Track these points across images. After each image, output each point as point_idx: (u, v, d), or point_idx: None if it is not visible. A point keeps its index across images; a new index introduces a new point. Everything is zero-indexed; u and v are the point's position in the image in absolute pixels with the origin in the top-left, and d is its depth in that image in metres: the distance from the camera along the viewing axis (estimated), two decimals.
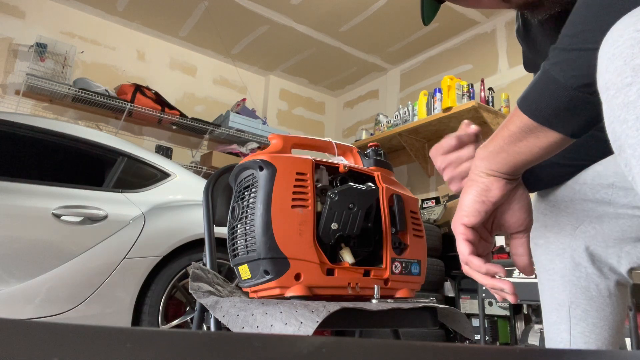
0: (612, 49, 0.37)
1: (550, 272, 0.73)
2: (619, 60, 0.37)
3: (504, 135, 0.55)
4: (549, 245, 0.75)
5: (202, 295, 0.91)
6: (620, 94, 0.37)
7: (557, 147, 0.52)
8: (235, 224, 0.87)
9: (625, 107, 0.36)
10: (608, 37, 0.38)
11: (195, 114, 4.14)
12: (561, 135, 0.50)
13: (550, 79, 0.48)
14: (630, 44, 0.36)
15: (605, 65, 0.38)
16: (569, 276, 0.72)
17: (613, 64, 0.37)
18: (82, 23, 3.80)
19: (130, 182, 2.26)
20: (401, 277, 0.93)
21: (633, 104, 0.35)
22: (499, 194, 0.56)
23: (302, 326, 0.69)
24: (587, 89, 0.45)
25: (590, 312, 0.69)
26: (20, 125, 2.05)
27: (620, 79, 0.37)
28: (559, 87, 0.47)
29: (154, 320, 2.02)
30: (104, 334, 0.25)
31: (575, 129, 0.50)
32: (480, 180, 0.57)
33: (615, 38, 0.38)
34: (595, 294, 0.70)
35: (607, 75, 0.38)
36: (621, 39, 0.37)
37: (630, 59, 0.36)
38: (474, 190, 0.57)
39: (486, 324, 2.76)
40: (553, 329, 0.73)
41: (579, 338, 0.69)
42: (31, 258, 1.85)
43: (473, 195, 0.56)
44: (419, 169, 4.10)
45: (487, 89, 3.56)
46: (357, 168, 0.98)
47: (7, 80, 3.42)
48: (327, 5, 3.62)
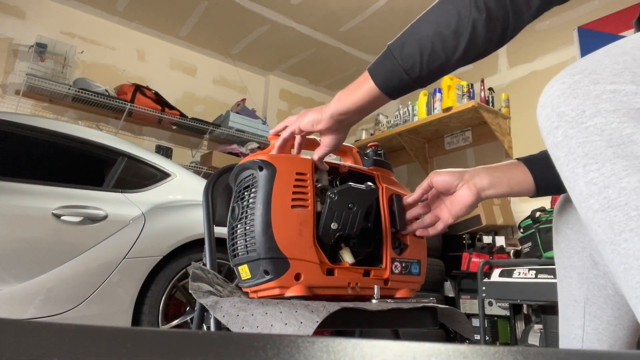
0: (544, 98, 0.46)
1: (568, 269, 0.74)
2: (548, 108, 0.45)
3: (352, 88, 0.77)
4: (569, 242, 0.77)
5: (202, 295, 0.91)
6: (550, 135, 0.45)
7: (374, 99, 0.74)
8: (235, 224, 0.87)
9: (555, 147, 0.44)
10: (544, 89, 0.47)
11: (195, 114, 4.14)
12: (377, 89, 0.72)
13: (389, 54, 0.70)
14: (557, 94, 0.44)
15: (539, 112, 0.46)
16: (587, 274, 0.73)
17: (545, 111, 0.45)
18: (82, 23, 3.80)
19: (130, 182, 2.26)
20: (401, 277, 0.93)
21: (561, 144, 0.43)
22: (323, 127, 0.80)
23: (302, 326, 0.69)
24: (411, 73, 0.69)
25: (605, 310, 0.69)
26: (20, 125, 2.05)
27: (549, 123, 0.45)
28: (395, 63, 0.69)
29: (154, 320, 2.02)
30: (104, 334, 0.25)
31: (390, 92, 0.73)
32: (322, 114, 0.79)
33: (547, 89, 0.46)
34: (611, 292, 0.71)
35: (541, 120, 0.46)
36: (551, 89, 0.45)
37: (556, 106, 0.44)
38: (314, 116, 0.81)
39: (486, 324, 2.76)
40: (567, 325, 0.73)
41: (592, 335, 0.70)
42: (31, 258, 1.85)
43: (311, 119, 0.81)
44: (419, 169, 4.10)
45: (487, 89, 3.56)
46: (357, 168, 0.98)
47: (7, 80, 3.42)
48: (327, 5, 3.62)
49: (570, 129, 0.42)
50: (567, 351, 0.25)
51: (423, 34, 0.68)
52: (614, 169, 0.40)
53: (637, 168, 0.39)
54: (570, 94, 0.43)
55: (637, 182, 0.38)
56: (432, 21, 0.67)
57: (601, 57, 0.43)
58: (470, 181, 0.83)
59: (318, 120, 0.80)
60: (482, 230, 3.21)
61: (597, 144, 0.40)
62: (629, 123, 0.39)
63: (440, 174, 0.86)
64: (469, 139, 3.80)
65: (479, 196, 0.82)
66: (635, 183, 0.39)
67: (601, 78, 0.41)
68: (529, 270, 2.37)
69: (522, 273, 2.39)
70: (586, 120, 0.41)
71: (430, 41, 0.67)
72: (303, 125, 0.83)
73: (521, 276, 2.39)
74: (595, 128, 0.40)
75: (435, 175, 0.86)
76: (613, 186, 0.40)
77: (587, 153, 0.41)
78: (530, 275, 2.35)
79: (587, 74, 0.43)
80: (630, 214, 0.39)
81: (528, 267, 2.38)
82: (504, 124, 3.52)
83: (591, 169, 0.41)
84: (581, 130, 0.41)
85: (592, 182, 0.41)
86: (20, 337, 0.24)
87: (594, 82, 0.42)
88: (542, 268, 2.31)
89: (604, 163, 0.40)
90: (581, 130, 0.41)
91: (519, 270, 2.41)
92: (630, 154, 0.39)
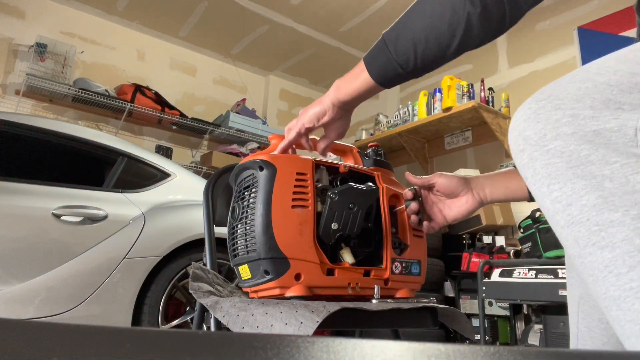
0: (512, 123, 0.49)
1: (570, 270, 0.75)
2: (515, 132, 0.48)
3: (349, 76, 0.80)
4: None
5: (202, 295, 0.91)
6: (517, 157, 0.48)
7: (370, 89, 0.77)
8: (236, 224, 0.87)
9: (523, 168, 0.48)
10: (514, 114, 0.50)
11: (195, 114, 4.14)
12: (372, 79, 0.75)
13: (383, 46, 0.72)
14: (523, 119, 0.47)
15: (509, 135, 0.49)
16: None
17: (512, 134, 0.49)
18: (82, 23, 3.80)
19: (130, 182, 2.26)
20: (401, 277, 0.93)
21: (527, 165, 0.47)
22: (329, 118, 0.84)
23: (302, 326, 0.69)
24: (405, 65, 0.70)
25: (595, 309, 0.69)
26: (20, 125, 2.05)
27: (515, 146, 0.48)
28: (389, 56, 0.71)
29: (154, 320, 2.02)
30: (104, 334, 0.25)
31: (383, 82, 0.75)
32: (324, 105, 0.84)
33: (516, 114, 0.49)
34: None
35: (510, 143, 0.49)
36: (519, 114, 0.48)
37: (522, 130, 0.47)
38: (317, 108, 0.85)
39: (486, 324, 2.76)
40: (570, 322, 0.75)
41: (585, 332, 0.70)
42: (31, 258, 1.85)
43: (315, 112, 0.84)
44: (419, 169, 4.10)
45: (487, 89, 3.56)
46: (357, 168, 0.98)
47: (7, 80, 3.42)
48: (327, 5, 3.62)
49: (534, 152, 0.45)
50: (567, 351, 0.25)
51: (417, 27, 0.68)
52: (574, 188, 0.43)
53: (594, 187, 0.42)
54: (534, 118, 0.46)
55: (596, 199, 0.41)
56: (426, 13, 0.67)
57: (566, 83, 0.46)
58: (474, 190, 0.87)
59: (322, 111, 0.84)
60: (482, 230, 3.21)
61: (558, 165, 0.43)
62: (586, 145, 0.42)
63: (448, 177, 0.88)
64: (469, 139, 3.80)
65: (481, 204, 0.87)
66: (594, 200, 0.41)
67: (563, 104, 0.44)
68: (529, 270, 2.37)
69: (522, 273, 2.39)
70: (547, 144, 0.44)
71: (425, 35, 0.67)
72: (308, 122, 0.85)
73: (521, 276, 2.39)
74: (556, 150, 0.44)
75: (441, 177, 0.89)
76: (575, 204, 0.43)
77: (550, 174, 0.44)
78: (530, 275, 2.35)
79: (551, 100, 0.45)
80: (591, 229, 0.41)
81: (528, 267, 2.38)
82: (504, 124, 3.52)
83: (554, 188, 0.44)
84: (543, 152, 0.44)
85: (556, 201, 0.44)
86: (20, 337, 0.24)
87: (555, 108, 0.44)
88: (542, 268, 2.31)
89: (565, 183, 0.43)
90: (543, 153, 0.44)
91: (519, 270, 2.41)
92: (588, 174, 0.42)
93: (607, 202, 0.41)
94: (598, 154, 0.42)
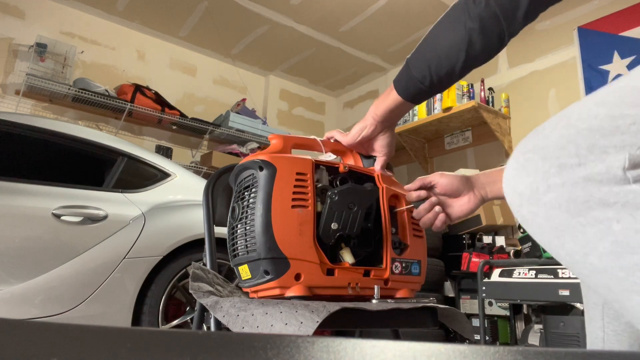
0: (505, 176, 0.49)
1: None
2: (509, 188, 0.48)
3: (383, 96, 0.91)
4: None
5: (202, 295, 0.91)
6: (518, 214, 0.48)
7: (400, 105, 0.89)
8: (235, 224, 0.87)
9: (526, 223, 0.48)
10: (505, 168, 0.51)
11: (195, 114, 4.14)
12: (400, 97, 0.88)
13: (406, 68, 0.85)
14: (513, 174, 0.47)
15: (504, 191, 0.49)
16: None
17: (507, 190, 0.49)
18: (82, 23, 3.80)
19: (130, 182, 2.26)
20: (401, 277, 0.93)
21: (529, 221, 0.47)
22: (370, 132, 0.95)
23: (302, 326, 0.69)
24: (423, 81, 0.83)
25: None
26: (20, 125, 2.05)
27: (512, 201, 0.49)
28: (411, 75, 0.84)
29: (154, 320, 2.02)
30: (104, 334, 0.25)
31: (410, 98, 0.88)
32: (366, 121, 0.94)
33: (506, 168, 0.50)
34: None
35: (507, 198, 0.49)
36: (509, 167, 0.48)
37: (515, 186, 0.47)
38: (360, 125, 0.95)
39: (486, 324, 2.76)
40: (590, 325, 0.75)
41: (612, 336, 0.71)
42: (31, 258, 1.85)
43: (358, 127, 0.96)
44: (419, 169, 4.10)
45: (487, 89, 3.56)
46: (357, 168, 0.98)
47: (7, 80, 3.42)
48: (327, 5, 3.62)
49: (532, 207, 0.45)
50: (566, 351, 0.25)
51: (430, 48, 0.82)
52: (586, 238, 0.42)
53: (605, 232, 0.41)
54: (524, 172, 0.46)
55: (611, 246, 0.41)
56: (437, 37, 0.81)
57: (549, 131, 0.46)
58: (475, 188, 0.90)
59: (364, 126, 0.95)
60: (482, 230, 3.21)
61: (561, 217, 0.43)
62: (580, 192, 0.42)
63: (450, 177, 0.91)
64: (469, 139, 3.80)
65: (482, 202, 0.91)
66: (610, 247, 0.41)
67: (548, 153, 0.44)
68: (529, 270, 2.37)
69: (522, 273, 2.39)
70: (542, 197, 0.44)
71: (437, 54, 0.81)
72: (350, 137, 0.97)
73: (521, 276, 2.39)
74: (553, 203, 0.43)
75: (442, 177, 0.91)
76: (592, 254, 0.42)
77: (556, 227, 0.44)
78: (530, 275, 2.35)
79: (536, 150, 0.45)
80: (619, 276, 0.41)
81: (528, 267, 2.38)
82: (504, 124, 3.52)
83: (566, 240, 0.43)
84: (540, 206, 0.44)
85: (572, 253, 0.44)
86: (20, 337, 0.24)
87: (542, 159, 0.44)
88: (542, 268, 2.31)
89: (576, 235, 0.43)
90: (540, 207, 0.44)
91: (519, 270, 2.41)
92: (593, 221, 0.41)
93: (622, 245, 0.40)
94: (594, 198, 0.41)
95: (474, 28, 0.75)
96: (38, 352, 0.22)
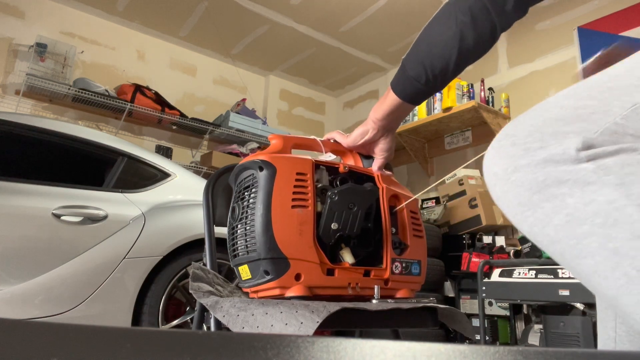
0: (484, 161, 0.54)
1: None
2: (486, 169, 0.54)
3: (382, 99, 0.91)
4: None
5: (202, 295, 0.91)
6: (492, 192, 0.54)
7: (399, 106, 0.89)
8: (235, 224, 0.87)
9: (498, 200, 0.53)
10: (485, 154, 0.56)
11: (195, 114, 4.14)
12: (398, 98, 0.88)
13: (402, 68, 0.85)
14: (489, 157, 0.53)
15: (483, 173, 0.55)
16: None
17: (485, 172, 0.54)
18: (82, 23, 3.80)
19: (130, 182, 2.26)
20: (401, 277, 0.93)
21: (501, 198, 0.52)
22: (371, 136, 0.96)
23: (302, 326, 0.69)
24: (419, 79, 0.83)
25: None
26: (20, 125, 2.05)
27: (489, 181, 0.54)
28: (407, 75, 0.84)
29: (154, 320, 2.02)
30: (104, 334, 0.25)
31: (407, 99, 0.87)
32: (368, 125, 0.95)
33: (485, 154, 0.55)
34: None
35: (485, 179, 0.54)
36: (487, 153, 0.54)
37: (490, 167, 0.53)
38: (361, 129, 0.96)
39: (486, 324, 2.76)
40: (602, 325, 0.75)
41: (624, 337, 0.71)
42: (31, 258, 1.85)
43: (360, 131, 0.96)
44: (419, 169, 4.10)
45: (487, 89, 3.56)
46: (356, 168, 0.98)
47: (7, 80, 3.42)
48: (327, 5, 3.62)
49: (503, 185, 0.51)
50: (566, 351, 0.25)
51: (424, 45, 0.81)
52: (544, 212, 0.48)
53: (560, 206, 0.47)
54: (497, 156, 0.51)
55: (565, 217, 0.47)
56: (430, 34, 0.81)
57: (522, 121, 0.52)
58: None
59: (365, 130, 0.96)
60: (482, 230, 3.21)
61: (525, 194, 0.49)
62: (540, 172, 0.47)
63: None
64: (469, 139, 3.80)
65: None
66: (564, 218, 0.47)
67: (518, 140, 0.50)
68: (529, 270, 2.37)
69: (522, 273, 2.39)
70: (510, 176, 0.50)
71: (430, 50, 0.80)
72: (351, 140, 0.97)
73: (521, 276, 2.39)
74: (518, 181, 0.49)
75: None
76: (549, 225, 0.48)
77: (520, 202, 0.49)
78: (530, 275, 2.35)
79: (508, 138, 0.51)
80: (570, 244, 0.47)
81: (528, 267, 2.38)
82: (504, 124, 3.49)
83: (528, 215, 0.49)
84: (509, 184, 0.50)
85: (533, 225, 0.49)
86: (20, 337, 0.24)
87: (512, 144, 0.50)
88: (542, 268, 2.31)
89: (535, 209, 0.48)
90: (509, 185, 0.50)
91: (519, 270, 2.41)
92: (550, 196, 0.47)
93: (574, 217, 0.46)
94: (552, 176, 0.47)
95: (465, 21, 0.75)
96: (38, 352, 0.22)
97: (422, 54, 0.81)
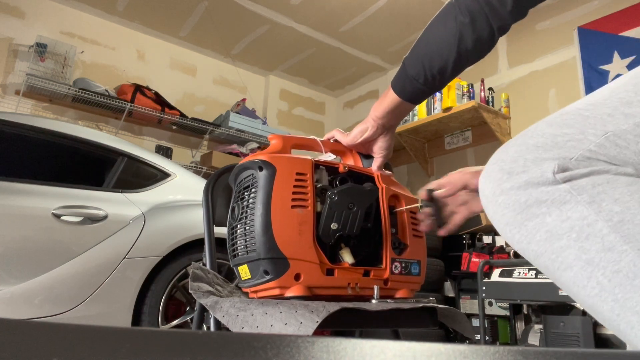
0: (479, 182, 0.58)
1: None
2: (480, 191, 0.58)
3: (382, 97, 0.92)
4: None
5: (202, 295, 0.91)
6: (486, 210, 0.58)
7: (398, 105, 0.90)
8: (235, 224, 0.87)
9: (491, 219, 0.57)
10: None
11: (195, 114, 4.14)
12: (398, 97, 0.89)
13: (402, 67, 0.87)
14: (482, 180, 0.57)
15: None
16: None
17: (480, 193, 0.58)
18: (82, 23, 3.80)
19: (130, 182, 2.26)
20: (401, 277, 0.93)
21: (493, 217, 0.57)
22: (371, 134, 0.96)
23: (302, 326, 0.70)
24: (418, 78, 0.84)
25: None
26: (20, 125, 2.05)
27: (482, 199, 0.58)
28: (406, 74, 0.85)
29: (154, 320, 2.02)
30: (104, 334, 0.25)
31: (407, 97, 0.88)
32: (367, 123, 0.95)
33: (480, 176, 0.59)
34: None
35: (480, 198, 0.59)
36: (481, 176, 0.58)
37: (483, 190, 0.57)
38: (361, 126, 0.96)
39: (486, 324, 2.76)
40: None
41: None
42: (31, 258, 1.85)
43: (359, 129, 0.96)
44: (419, 169, 4.10)
45: (487, 89, 3.56)
46: (356, 168, 0.98)
47: (7, 80, 3.42)
48: (327, 5, 3.63)
49: (493, 206, 0.55)
50: (566, 351, 0.25)
51: (424, 45, 0.83)
52: (527, 230, 0.52)
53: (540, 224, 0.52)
54: (487, 179, 0.56)
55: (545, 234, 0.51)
56: (430, 33, 0.82)
57: (510, 147, 0.56)
58: None
59: (365, 128, 0.96)
60: (482, 230, 3.21)
61: (509, 215, 0.53)
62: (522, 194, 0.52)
63: (476, 176, 0.92)
64: (469, 139, 3.80)
65: None
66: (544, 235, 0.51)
67: (505, 165, 0.54)
68: (529, 270, 2.37)
69: (522, 273, 2.39)
70: (497, 198, 0.54)
71: (429, 50, 0.82)
72: (351, 138, 0.97)
73: (521, 276, 2.39)
74: (503, 203, 0.54)
75: (474, 178, 0.93)
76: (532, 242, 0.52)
77: (507, 222, 0.54)
78: (530, 275, 2.35)
79: (497, 163, 0.56)
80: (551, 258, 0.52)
81: (528, 267, 2.38)
82: (504, 124, 3.52)
83: (514, 233, 0.54)
84: (497, 205, 0.55)
85: (519, 242, 0.54)
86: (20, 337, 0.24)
87: (499, 169, 0.55)
88: None
89: (520, 228, 0.53)
90: (497, 206, 0.55)
91: (519, 270, 2.41)
92: (532, 215, 0.52)
93: (553, 233, 0.51)
94: (532, 197, 0.52)
95: (464, 22, 0.77)
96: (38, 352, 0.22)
97: (422, 53, 0.83)
